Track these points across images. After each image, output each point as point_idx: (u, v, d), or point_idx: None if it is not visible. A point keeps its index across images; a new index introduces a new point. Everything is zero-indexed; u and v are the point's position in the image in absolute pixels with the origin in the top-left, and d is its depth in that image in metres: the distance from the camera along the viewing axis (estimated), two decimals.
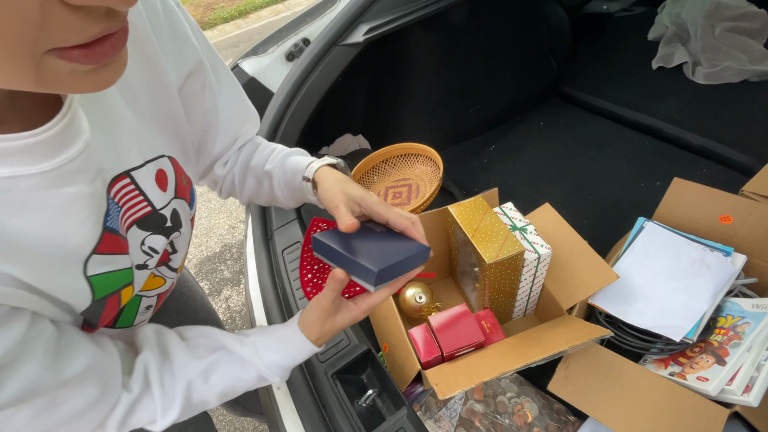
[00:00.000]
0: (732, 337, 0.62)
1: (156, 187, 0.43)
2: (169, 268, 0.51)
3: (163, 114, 0.44)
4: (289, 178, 0.57)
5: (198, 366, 0.45)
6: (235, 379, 0.46)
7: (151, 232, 0.43)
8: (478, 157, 1.34)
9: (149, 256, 0.44)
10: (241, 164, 0.60)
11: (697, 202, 0.75)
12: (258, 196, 0.63)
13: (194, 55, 0.46)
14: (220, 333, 0.49)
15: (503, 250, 0.67)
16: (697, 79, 1.25)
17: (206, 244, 2.02)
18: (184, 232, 0.49)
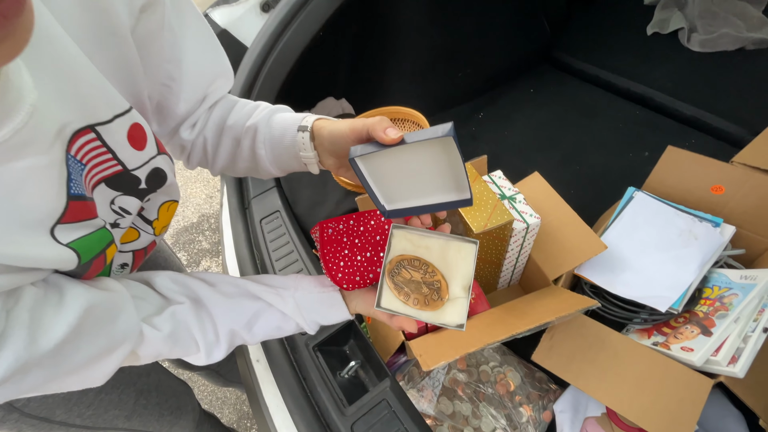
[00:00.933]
0: (719, 308, 0.61)
1: (128, 146, 0.38)
2: (144, 220, 0.47)
3: (114, 61, 0.38)
4: (278, 135, 0.49)
5: (241, 318, 0.46)
6: (276, 329, 0.49)
7: (121, 192, 0.39)
8: (467, 125, 1.29)
9: (120, 216, 0.40)
10: (214, 125, 0.52)
11: (690, 171, 0.73)
12: (234, 163, 0.54)
13: None
14: (251, 284, 0.48)
15: (492, 219, 0.64)
16: (692, 46, 1.21)
17: (183, 214, 1.94)
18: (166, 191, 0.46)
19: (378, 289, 0.45)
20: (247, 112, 0.52)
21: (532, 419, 0.69)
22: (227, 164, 0.54)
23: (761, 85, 1.08)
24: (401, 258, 0.45)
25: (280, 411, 0.65)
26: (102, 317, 0.36)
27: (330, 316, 0.51)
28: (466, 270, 0.45)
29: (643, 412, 0.57)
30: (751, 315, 0.58)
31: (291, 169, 0.53)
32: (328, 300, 0.50)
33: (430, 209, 0.44)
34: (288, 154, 0.50)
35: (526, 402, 0.71)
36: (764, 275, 0.61)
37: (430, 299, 0.44)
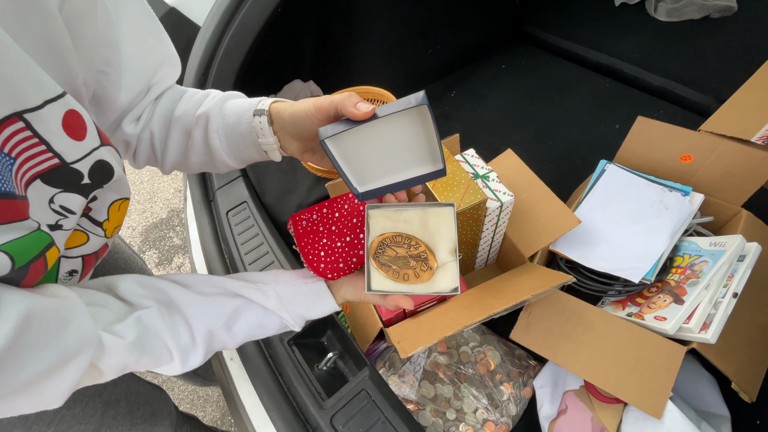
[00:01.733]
0: (689, 275, 0.62)
1: (64, 136, 0.33)
2: (92, 221, 0.41)
3: (40, 41, 0.33)
4: (232, 122, 0.45)
5: (219, 317, 0.43)
6: (258, 327, 0.46)
7: (61, 189, 0.34)
8: (439, 103, 1.26)
9: (63, 216, 0.36)
10: (161, 116, 0.48)
11: (660, 141, 0.73)
12: (186, 157, 0.50)
13: None
14: (228, 281, 0.46)
15: (465, 199, 0.62)
16: (659, 16, 1.21)
17: (151, 210, 1.86)
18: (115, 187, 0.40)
19: (366, 273, 0.44)
20: (197, 101, 0.48)
21: (513, 396, 0.69)
22: (178, 159, 0.50)
23: (726, 52, 1.09)
24: (382, 237, 0.44)
25: (257, 409, 0.63)
26: (47, 327, 0.32)
27: (316, 309, 0.48)
28: (448, 234, 0.44)
29: (620, 382, 0.57)
30: (721, 281, 0.59)
31: (251, 159, 0.49)
32: (312, 291, 0.48)
33: (405, 185, 0.43)
34: (245, 142, 0.46)
35: (507, 380, 0.71)
36: (733, 241, 0.61)
37: (419, 271, 0.44)
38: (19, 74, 0.30)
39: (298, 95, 1.19)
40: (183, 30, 0.86)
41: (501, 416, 0.67)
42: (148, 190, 1.94)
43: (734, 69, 1.00)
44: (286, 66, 1.15)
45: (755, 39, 1.07)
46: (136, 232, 1.79)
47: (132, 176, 2.01)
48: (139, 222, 1.83)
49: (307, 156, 0.47)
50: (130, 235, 1.78)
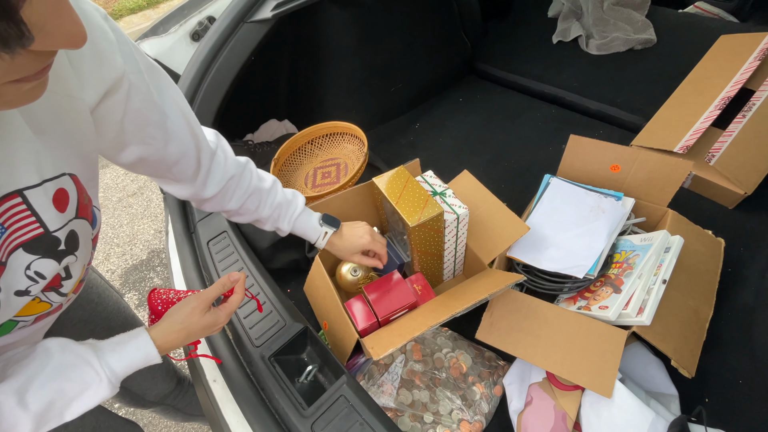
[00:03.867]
0: (626, 268, 0.70)
1: (52, 208, 0.39)
2: (58, 294, 0.46)
3: (67, 130, 0.40)
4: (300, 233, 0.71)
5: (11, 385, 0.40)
6: (57, 391, 0.41)
7: (40, 255, 0.39)
8: (405, 134, 1.37)
9: (34, 281, 0.39)
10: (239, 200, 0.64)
11: (591, 155, 0.84)
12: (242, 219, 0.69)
13: (114, 72, 0.42)
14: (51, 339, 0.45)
15: (424, 212, 0.70)
16: (590, 50, 1.38)
17: (131, 253, 1.86)
18: (81, 255, 0.45)
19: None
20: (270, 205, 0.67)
21: (485, 395, 0.74)
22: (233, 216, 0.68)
23: (650, 78, 1.24)
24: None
25: (241, 426, 0.65)
26: None
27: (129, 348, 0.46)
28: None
29: (573, 368, 0.63)
30: (652, 270, 0.67)
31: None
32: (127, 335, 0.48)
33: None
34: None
35: (479, 380, 0.75)
36: (658, 235, 0.71)
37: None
38: (28, 158, 0.36)
39: (275, 133, 1.28)
40: None
41: (474, 415, 0.72)
42: (128, 233, 1.95)
43: (657, 91, 1.15)
44: (262, 107, 1.24)
45: (673, 65, 1.23)
46: (115, 275, 1.79)
47: (111, 220, 2.02)
48: (119, 265, 1.83)
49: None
50: (110, 278, 1.77)
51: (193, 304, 0.51)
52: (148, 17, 4.24)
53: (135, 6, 4.35)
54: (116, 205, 2.09)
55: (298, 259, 1.00)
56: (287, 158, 1.07)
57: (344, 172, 1.06)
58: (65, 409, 0.43)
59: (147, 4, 4.40)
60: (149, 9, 4.38)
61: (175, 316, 0.50)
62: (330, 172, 1.06)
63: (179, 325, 0.50)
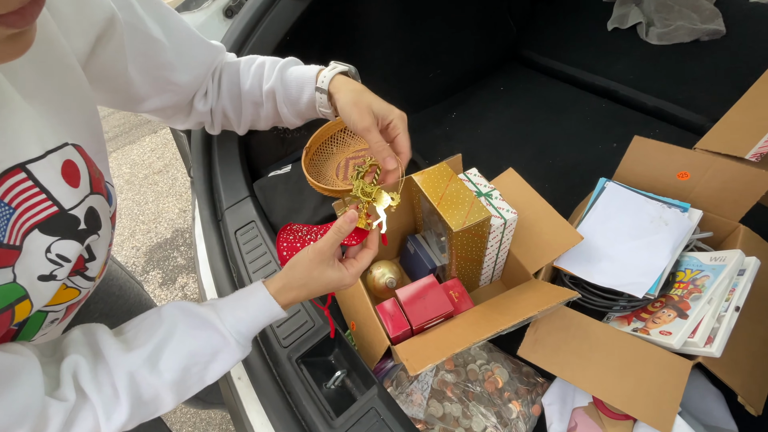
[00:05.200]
0: (692, 290, 0.63)
1: (63, 183, 0.35)
2: (85, 278, 0.43)
3: (59, 92, 0.36)
4: (295, 95, 0.55)
5: (139, 354, 0.38)
6: (189, 355, 0.40)
7: (59, 236, 0.35)
8: (440, 125, 1.30)
9: (58, 265, 0.36)
10: (229, 93, 0.57)
11: (656, 159, 0.76)
12: (257, 121, 0.61)
13: (101, 13, 0.39)
14: (170, 304, 0.43)
15: (470, 216, 0.64)
16: (650, 40, 1.26)
17: (156, 231, 1.88)
18: (104, 233, 0.41)
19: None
20: (258, 74, 0.57)
21: (522, 414, 0.69)
22: (252, 123, 0.62)
23: (716, 74, 1.13)
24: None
25: (265, 429, 0.62)
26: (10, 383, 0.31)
27: (248, 302, 0.44)
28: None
29: (628, 398, 0.57)
30: (723, 295, 0.60)
31: (313, 117, 0.59)
32: (246, 290, 0.46)
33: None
34: (307, 109, 0.56)
35: (515, 398, 0.71)
36: (732, 255, 0.63)
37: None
38: (24, 126, 0.32)
39: None
40: None
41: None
42: (153, 210, 1.96)
43: (725, 89, 1.03)
44: None
45: (743, 61, 1.11)
46: (140, 252, 1.81)
47: (137, 196, 2.04)
48: (144, 242, 1.84)
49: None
50: (134, 255, 1.79)
51: (309, 256, 0.44)
52: None
53: None
54: (142, 182, 2.10)
55: None
56: (318, 147, 1.02)
57: None
58: (204, 374, 0.42)
59: None
60: None
61: (295, 270, 0.45)
62: (363, 162, 1.00)
63: (298, 281, 0.45)
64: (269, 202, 0.92)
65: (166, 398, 0.40)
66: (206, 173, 0.93)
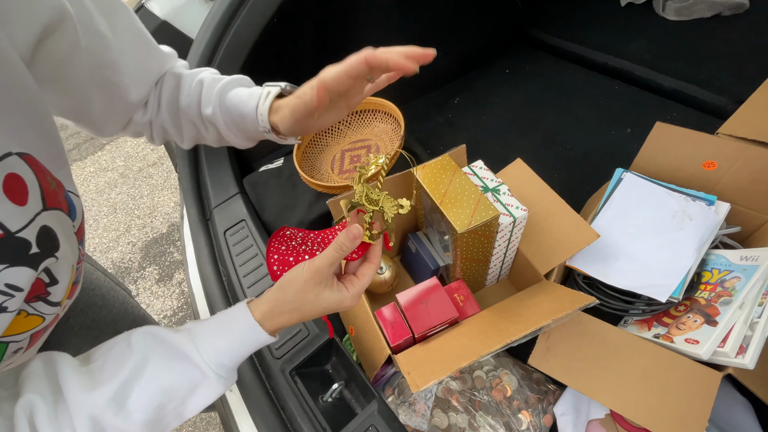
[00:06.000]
0: (721, 293, 0.57)
1: (6, 200, 0.29)
2: (48, 303, 0.37)
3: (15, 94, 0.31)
4: (239, 121, 0.50)
5: (103, 393, 0.34)
6: (161, 393, 0.35)
7: (7, 264, 0.30)
8: (442, 111, 1.22)
9: (8, 296, 0.31)
10: (168, 106, 0.51)
11: (680, 147, 0.69)
12: (202, 140, 0.56)
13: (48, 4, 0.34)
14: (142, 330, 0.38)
15: (476, 216, 0.58)
16: (667, 15, 1.17)
17: (151, 225, 1.83)
18: (64, 254, 0.36)
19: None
20: (195, 94, 0.51)
21: (533, 425, 0.64)
22: (196, 140, 0.56)
23: (740, 51, 1.04)
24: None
25: None
26: None
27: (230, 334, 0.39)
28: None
29: (650, 412, 0.53)
30: (756, 299, 0.55)
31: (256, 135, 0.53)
32: (228, 313, 0.40)
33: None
34: (254, 132, 0.51)
35: (525, 407, 0.66)
36: (766, 254, 0.57)
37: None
38: None
39: None
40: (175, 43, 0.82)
41: None
42: (148, 204, 1.92)
43: (749, 68, 0.96)
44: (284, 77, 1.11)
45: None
46: (136, 248, 1.76)
47: (132, 190, 1.99)
48: (139, 237, 1.80)
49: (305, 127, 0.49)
50: (131, 251, 1.75)
51: (305, 276, 0.38)
52: None
53: None
54: (137, 175, 2.05)
55: None
56: (312, 138, 0.96)
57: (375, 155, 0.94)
58: (182, 410, 0.38)
59: None
60: None
61: (287, 291, 0.39)
62: (359, 155, 0.94)
63: (290, 305, 0.39)
64: (261, 199, 0.87)
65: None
66: (193, 169, 0.87)
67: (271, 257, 0.44)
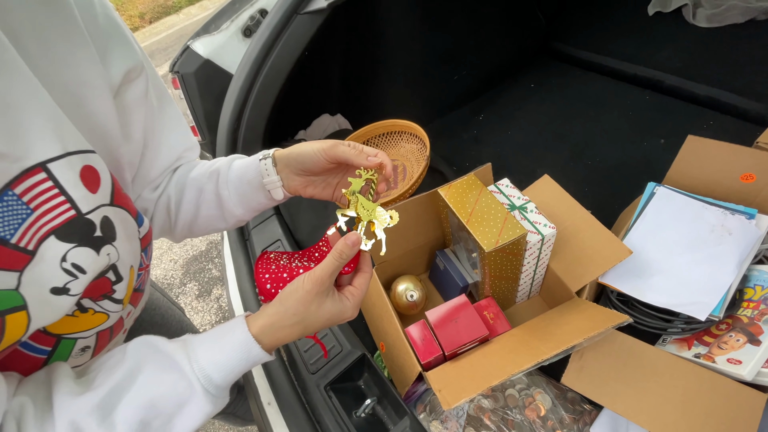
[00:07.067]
0: (764, 311, 0.55)
1: (81, 186, 0.34)
2: (112, 301, 0.41)
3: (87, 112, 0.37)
4: (240, 173, 0.50)
5: (89, 399, 0.33)
6: (149, 406, 0.34)
7: (76, 243, 0.34)
8: (467, 128, 1.24)
9: (73, 276, 0.34)
10: (176, 182, 0.53)
11: (715, 160, 0.67)
12: (196, 214, 0.53)
13: (132, 55, 0.41)
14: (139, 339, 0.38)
15: (503, 234, 0.59)
16: (698, 23, 1.14)
17: (191, 243, 1.93)
18: (124, 250, 0.40)
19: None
20: (208, 164, 0.53)
21: None
22: (189, 219, 0.53)
23: None
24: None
25: None
26: None
27: (224, 347, 0.38)
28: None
29: None
30: None
31: (256, 205, 0.52)
32: (224, 327, 0.39)
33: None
34: (251, 188, 0.50)
35: (560, 427, 0.65)
36: None
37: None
38: (46, 125, 0.31)
39: (327, 129, 1.21)
40: (217, 78, 0.90)
41: None
42: None
43: None
44: (314, 102, 1.17)
45: None
46: (177, 265, 1.86)
47: None
48: (180, 255, 1.90)
49: (309, 190, 0.50)
50: (173, 267, 1.85)
51: (306, 287, 0.38)
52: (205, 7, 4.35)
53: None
54: None
55: None
56: None
57: (402, 175, 0.97)
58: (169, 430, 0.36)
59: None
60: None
61: (287, 304, 0.38)
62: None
63: (292, 318, 0.38)
64: (294, 219, 0.91)
65: None
66: None
67: (262, 277, 0.44)
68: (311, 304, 0.38)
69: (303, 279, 0.39)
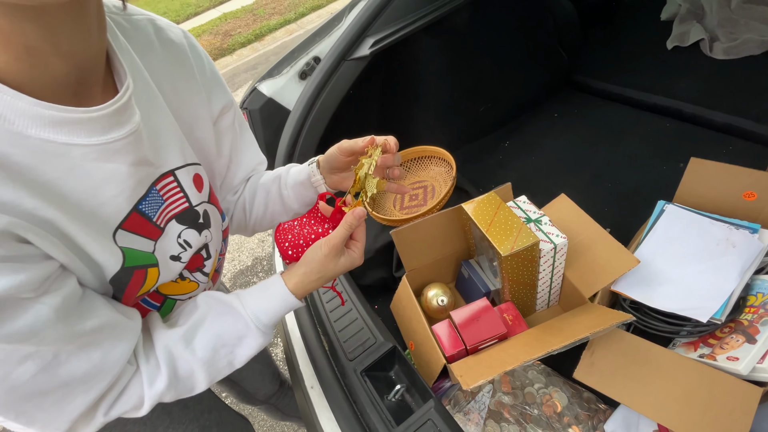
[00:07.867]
0: (762, 314, 0.60)
1: (193, 187, 0.50)
2: (202, 274, 0.56)
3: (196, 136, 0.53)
4: (295, 175, 0.64)
5: (176, 331, 0.44)
6: (216, 337, 0.45)
7: (186, 226, 0.49)
8: (493, 154, 1.34)
9: (183, 248, 0.49)
10: (249, 187, 0.69)
11: (719, 180, 0.74)
12: (264, 211, 0.68)
13: (226, 95, 0.57)
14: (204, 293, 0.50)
15: (518, 241, 0.68)
16: (715, 55, 1.21)
17: (238, 259, 2.11)
18: (215, 236, 0.55)
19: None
20: (273, 172, 0.69)
21: None
22: (259, 214, 0.68)
23: None
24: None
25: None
26: (111, 335, 0.39)
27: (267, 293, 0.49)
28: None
29: (694, 425, 0.56)
30: None
31: (309, 201, 0.66)
32: (266, 283, 0.51)
33: None
34: (304, 187, 0.64)
35: (575, 423, 0.71)
36: None
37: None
38: (174, 143, 0.47)
39: None
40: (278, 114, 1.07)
41: None
42: (236, 240, 2.22)
43: None
44: (355, 132, 1.32)
45: None
46: (225, 279, 2.04)
47: None
48: (228, 269, 2.08)
49: (345, 183, 0.63)
50: (221, 281, 2.04)
51: (324, 251, 0.49)
52: (255, 49, 4.81)
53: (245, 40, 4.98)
54: None
55: (386, 278, 1.04)
56: None
57: (431, 194, 1.08)
58: (232, 358, 0.47)
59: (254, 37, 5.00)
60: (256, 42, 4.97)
61: (311, 264, 0.50)
62: (417, 194, 1.09)
63: (316, 274, 0.50)
64: None
65: (199, 376, 0.45)
66: None
67: (283, 244, 0.55)
68: (329, 263, 0.50)
69: (321, 245, 0.50)
